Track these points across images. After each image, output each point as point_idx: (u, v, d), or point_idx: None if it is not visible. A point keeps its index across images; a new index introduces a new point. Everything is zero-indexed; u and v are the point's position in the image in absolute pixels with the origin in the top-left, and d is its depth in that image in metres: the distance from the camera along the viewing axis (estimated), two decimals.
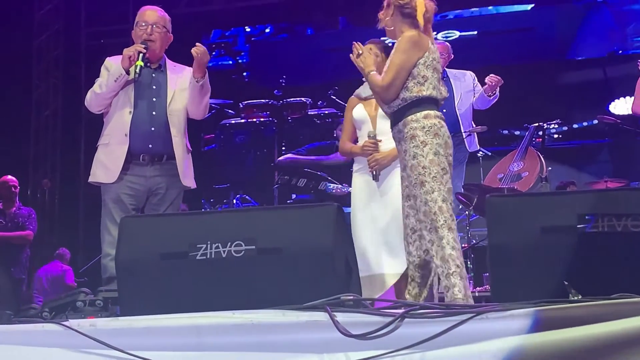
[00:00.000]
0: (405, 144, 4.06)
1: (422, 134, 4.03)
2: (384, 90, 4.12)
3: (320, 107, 9.13)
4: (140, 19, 4.82)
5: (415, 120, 4.06)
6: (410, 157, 4.03)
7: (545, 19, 10.01)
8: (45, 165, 10.04)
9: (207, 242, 3.12)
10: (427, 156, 4.00)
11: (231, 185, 9.53)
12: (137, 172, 4.65)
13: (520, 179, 7.29)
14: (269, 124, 9.37)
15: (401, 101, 4.12)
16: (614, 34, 9.81)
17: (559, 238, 2.94)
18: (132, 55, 4.57)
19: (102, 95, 4.68)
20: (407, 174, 4.11)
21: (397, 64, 4.11)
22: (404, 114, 4.11)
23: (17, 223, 7.98)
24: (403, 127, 4.09)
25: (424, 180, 3.98)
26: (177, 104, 4.75)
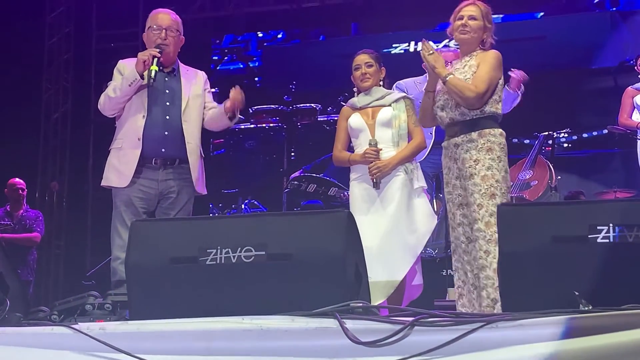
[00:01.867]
0: (479, 153, 4.17)
1: (499, 150, 4.18)
2: (479, 97, 4.21)
3: (329, 113, 9.14)
4: (154, 22, 4.82)
5: (493, 135, 4.21)
6: (485, 167, 4.14)
7: (556, 27, 9.99)
8: (54, 167, 10.06)
9: (217, 247, 3.11)
10: (501, 171, 4.16)
11: (240, 190, 9.54)
12: (149, 175, 4.67)
13: (530, 187, 7.29)
14: (278, 130, 9.38)
15: (480, 112, 4.21)
16: (626, 44, 9.80)
17: (570, 248, 2.93)
18: (146, 60, 4.58)
19: (116, 100, 4.68)
20: (472, 182, 4.15)
21: (491, 77, 4.26)
22: (480, 125, 4.24)
23: (25, 225, 8.00)
24: (479, 137, 4.19)
25: (495, 193, 4.11)
26: (192, 110, 4.77)
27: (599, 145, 9.55)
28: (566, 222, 2.96)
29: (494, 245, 4.02)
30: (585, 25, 9.92)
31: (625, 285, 2.89)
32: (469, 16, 4.40)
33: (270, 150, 9.73)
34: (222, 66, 11.31)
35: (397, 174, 4.79)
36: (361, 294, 3.14)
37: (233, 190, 9.62)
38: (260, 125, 9.33)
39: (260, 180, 9.71)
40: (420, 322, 2.67)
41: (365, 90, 4.97)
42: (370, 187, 4.81)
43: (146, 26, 4.88)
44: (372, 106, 4.94)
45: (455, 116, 4.31)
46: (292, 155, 9.24)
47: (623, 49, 9.77)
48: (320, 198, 8.01)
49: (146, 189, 4.69)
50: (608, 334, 2.50)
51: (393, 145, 4.83)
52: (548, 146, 7.91)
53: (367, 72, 4.93)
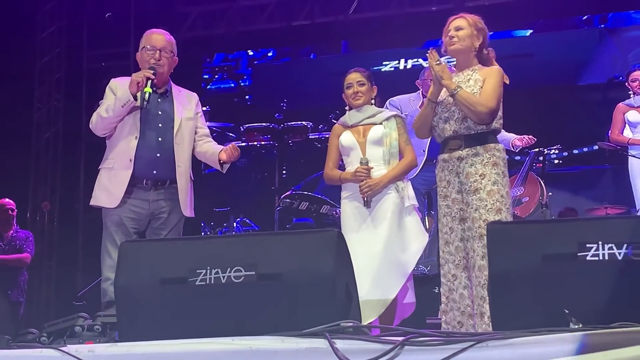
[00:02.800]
0: (485, 168, 4.17)
1: (503, 165, 4.20)
2: (491, 112, 4.24)
3: (321, 130, 9.16)
4: (148, 42, 4.81)
5: (498, 150, 4.23)
6: (490, 182, 4.14)
7: (545, 44, 10.03)
8: (45, 187, 10.03)
9: (207, 268, 3.10)
10: (505, 187, 4.19)
11: (232, 208, 9.53)
12: (140, 195, 4.66)
13: (521, 204, 7.32)
14: (270, 148, 9.38)
15: (485, 127, 4.22)
16: (615, 60, 9.85)
17: (559, 266, 2.93)
18: (140, 82, 4.56)
19: (109, 120, 4.67)
20: (477, 197, 4.14)
21: (499, 93, 4.30)
22: (486, 139, 4.25)
23: (15, 246, 7.98)
24: (484, 151, 4.20)
25: (501, 208, 4.12)
26: (184, 133, 4.77)
27: (590, 161, 9.57)
28: (555, 240, 2.96)
29: None
30: (573, 42, 9.97)
31: (615, 303, 2.89)
32: (455, 27, 4.43)
33: (262, 168, 9.73)
34: (212, 85, 11.33)
35: (388, 192, 4.79)
36: (352, 313, 3.14)
37: (225, 208, 9.61)
38: (251, 144, 9.33)
39: (252, 198, 9.71)
40: (410, 341, 2.67)
41: (357, 108, 4.97)
42: (362, 205, 4.81)
43: (140, 46, 4.87)
44: (363, 124, 4.95)
45: (460, 129, 4.30)
46: (284, 173, 9.24)
47: (612, 65, 9.82)
48: (312, 216, 8.02)
49: (137, 209, 4.68)
50: (599, 352, 2.50)
51: (384, 164, 4.83)
52: (539, 162, 7.94)
53: (359, 90, 4.94)
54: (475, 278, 4.11)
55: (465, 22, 4.43)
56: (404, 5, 9.74)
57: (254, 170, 9.84)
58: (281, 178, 9.18)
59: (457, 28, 4.42)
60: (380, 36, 10.26)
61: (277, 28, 10.26)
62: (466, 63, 4.42)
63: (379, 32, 10.07)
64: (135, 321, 3.16)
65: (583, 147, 9.53)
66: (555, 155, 8.88)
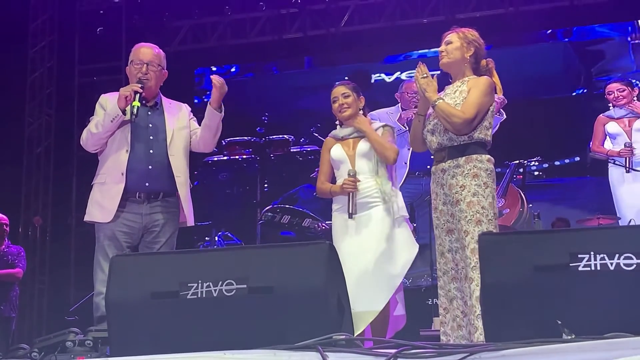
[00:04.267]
0: (466, 179, 4.17)
1: (485, 176, 4.17)
2: (467, 123, 4.22)
3: (302, 144, 9.16)
4: (135, 57, 4.81)
5: (479, 161, 4.20)
6: (470, 193, 4.13)
7: (509, 59, 9.98)
8: (36, 202, 10.00)
9: (199, 281, 3.09)
10: (487, 198, 4.15)
11: (213, 222, 9.49)
12: (133, 209, 4.65)
13: (502, 215, 7.38)
14: (251, 161, 9.38)
15: (467, 138, 4.22)
16: (579, 74, 9.89)
17: (551, 277, 2.93)
18: (128, 96, 4.57)
19: (99, 135, 4.67)
20: (458, 208, 4.15)
21: (480, 102, 4.25)
22: (468, 150, 4.25)
23: (7, 261, 7.94)
24: (465, 162, 4.19)
25: (481, 219, 4.09)
26: (177, 143, 4.77)
27: (572, 172, 9.55)
28: (547, 251, 2.96)
29: (478, 273, 4.00)
30: (537, 56, 9.93)
31: (608, 314, 2.88)
32: (445, 42, 4.45)
33: (244, 182, 9.72)
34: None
35: (377, 204, 4.79)
36: (344, 326, 3.13)
37: (206, 222, 9.57)
38: (233, 157, 9.33)
39: (233, 212, 9.68)
40: (402, 353, 2.66)
41: (346, 121, 4.98)
42: None
43: (129, 60, 4.88)
44: (353, 137, 4.95)
45: (444, 141, 4.31)
46: (266, 187, 9.26)
47: (575, 79, 9.85)
48: (295, 229, 8.03)
49: (130, 223, 4.66)
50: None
51: (373, 175, 4.84)
52: (519, 174, 7.98)
53: (345, 102, 4.95)
54: (466, 289, 4.12)
55: (455, 36, 4.44)
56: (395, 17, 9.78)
57: (235, 183, 9.83)
58: (263, 191, 9.20)
59: (447, 42, 4.45)
60: (343, 52, 10.36)
61: (240, 44, 10.30)
62: (458, 76, 4.44)
63: (340, 48, 10.17)
64: (126, 336, 3.15)
65: (565, 159, 9.53)
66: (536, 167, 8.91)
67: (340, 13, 9.91)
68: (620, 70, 9.66)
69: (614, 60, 9.86)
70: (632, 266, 2.88)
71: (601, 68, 9.87)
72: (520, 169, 7.91)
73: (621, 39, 9.91)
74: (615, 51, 9.88)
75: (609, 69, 9.80)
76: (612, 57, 9.87)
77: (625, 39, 9.88)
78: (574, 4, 9.39)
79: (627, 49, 9.84)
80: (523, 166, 7.90)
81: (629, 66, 9.80)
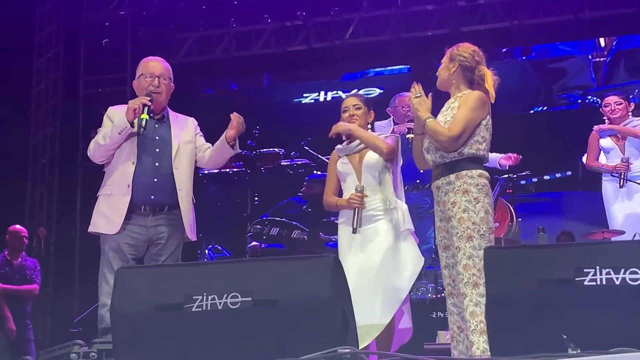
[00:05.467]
0: (456, 196, 4.17)
1: (476, 191, 4.17)
2: (452, 141, 4.22)
3: (293, 157, 9.17)
4: (145, 70, 4.83)
5: (470, 176, 4.20)
6: (460, 209, 4.14)
7: None
8: (41, 214, 10.01)
9: (203, 294, 3.09)
10: (478, 213, 4.14)
11: (204, 235, 9.47)
12: (138, 221, 4.65)
13: None
14: (242, 174, 9.38)
15: (457, 155, 4.22)
16: (538, 92, 9.90)
17: (557, 291, 2.92)
18: (137, 108, 4.58)
19: (106, 147, 4.68)
20: (451, 225, 4.16)
21: (467, 119, 4.24)
22: (458, 167, 4.25)
23: (25, 276, 7.94)
24: (456, 179, 4.20)
25: (472, 235, 4.09)
26: (182, 157, 4.77)
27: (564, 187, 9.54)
28: (553, 265, 2.96)
29: (470, 288, 4.02)
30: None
31: (613, 328, 2.88)
32: (443, 60, 4.47)
33: (234, 195, 9.72)
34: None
35: (382, 217, 4.79)
36: (349, 339, 3.12)
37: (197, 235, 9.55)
38: (223, 170, 9.33)
39: (223, 225, 9.66)
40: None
41: None
42: None
43: (137, 74, 4.88)
44: (358, 150, 4.95)
45: (436, 159, 4.33)
46: (256, 200, 9.25)
47: (535, 97, 9.85)
48: (283, 241, 8.03)
49: (135, 235, 4.66)
50: None
51: (379, 187, 4.84)
52: (509, 189, 8.02)
53: (355, 114, 4.96)
54: (461, 304, 4.12)
55: (445, 56, 4.47)
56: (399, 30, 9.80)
57: (225, 196, 9.83)
58: (253, 205, 9.19)
59: (439, 64, 4.48)
60: (301, 69, 10.42)
61: (199, 61, 10.33)
62: (454, 92, 4.44)
63: (298, 65, 10.22)
64: (131, 348, 3.15)
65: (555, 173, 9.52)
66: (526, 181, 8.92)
67: (345, 25, 9.93)
68: (581, 88, 9.72)
69: (575, 78, 9.90)
70: (638, 281, 2.88)
71: (562, 85, 9.91)
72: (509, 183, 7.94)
73: (582, 56, 9.95)
74: (576, 69, 9.92)
75: (570, 87, 9.86)
76: (573, 75, 9.92)
77: (587, 56, 9.92)
78: (532, 23, 9.43)
79: (589, 66, 9.88)
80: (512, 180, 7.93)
81: (590, 84, 9.84)
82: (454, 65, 4.39)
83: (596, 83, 9.80)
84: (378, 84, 10.15)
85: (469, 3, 9.55)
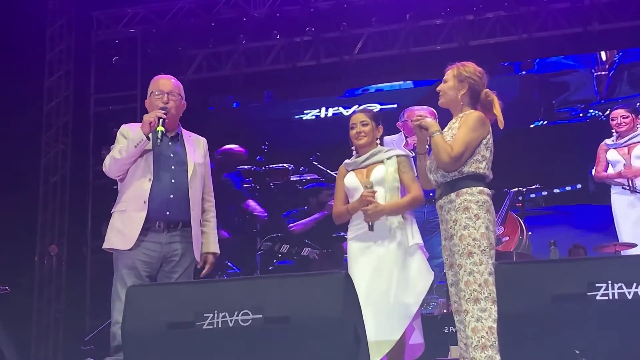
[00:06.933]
0: (457, 214, 4.20)
1: (476, 208, 4.18)
2: (453, 161, 4.25)
3: (302, 172, 9.18)
4: (155, 88, 4.86)
5: (470, 194, 4.22)
6: (461, 227, 4.16)
7: None
8: (52, 231, 10.04)
9: (214, 311, 3.09)
10: (479, 229, 4.15)
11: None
12: (152, 238, 4.66)
13: (501, 243, 7.43)
14: (251, 190, 9.39)
15: (458, 173, 4.26)
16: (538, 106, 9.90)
17: (569, 306, 2.91)
18: (152, 121, 4.61)
19: (122, 161, 4.69)
20: (452, 242, 4.18)
21: (467, 140, 4.28)
22: (458, 185, 4.26)
23: None
24: (456, 197, 4.24)
25: (472, 251, 4.12)
26: (196, 177, 4.80)
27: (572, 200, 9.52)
28: (565, 280, 2.95)
29: (472, 304, 4.03)
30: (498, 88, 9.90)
31: (625, 343, 2.86)
32: (443, 80, 4.48)
33: (244, 211, 9.72)
34: None
35: (390, 232, 4.78)
36: (360, 356, 3.11)
37: None
38: (233, 188, 9.36)
39: (233, 241, 9.67)
40: None
41: (362, 148, 4.99)
42: (366, 245, 4.80)
43: (148, 92, 4.92)
44: (367, 164, 4.95)
45: (438, 178, 4.37)
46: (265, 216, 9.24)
47: (535, 111, 9.84)
48: (294, 259, 8.01)
49: (150, 252, 4.66)
50: None
51: (387, 200, 4.84)
52: (518, 202, 8.01)
53: (362, 130, 4.96)
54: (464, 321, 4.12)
55: (451, 73, 4.47)
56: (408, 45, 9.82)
57: (235, 212, 9.85)
58: (262, 220, 9.19)
59: (444, 80, 4.48)
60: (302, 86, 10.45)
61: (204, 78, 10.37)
62: (456, 112, 4.46)
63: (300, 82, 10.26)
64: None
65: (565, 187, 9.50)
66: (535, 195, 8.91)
67: (353, 41, 9.95)
68: (583, 102, 9.72)
69: (577, 92, 9.90)
70: None
71: (565, 99, 9.91)
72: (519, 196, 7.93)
73: (585, 70, 9.97)
74: (579, 82, 9.94)
75: (572, 100, 9.85)
76: (576, 89, 9.92)
77: (590, 70, 9.92)
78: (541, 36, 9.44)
79: (591, 79, 9.87)
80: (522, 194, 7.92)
81: (592, 97, 9.84)
82: (464, 87, 4.41)
83: (599, 96, 9.79)
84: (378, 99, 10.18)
85: (478, 17, 9.56)
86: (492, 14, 9.57)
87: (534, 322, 2.93)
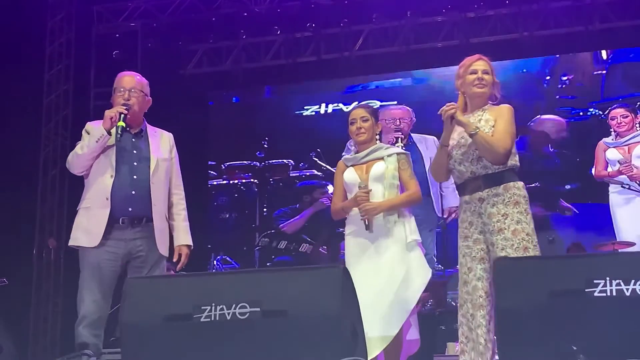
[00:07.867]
0: (507, 208, 4.17)
1: (524, 203, 4.21)
2: (507, 153, 4.25)
3: (302, 168, 9.17)
4: (118, 85, 4.90)
5: (517, 188, 4.23)
6: (514, 221, 4.14)
7: None
8: (51, 224, 10.03)
9: (212, 304, 3.09)
10: (530, 224, 4.18)
11: (212, 246, 9.48)
12: (116, 235, 4.67)
13: None
14: (251, 186, 9.39)
15: (502, 166, 4.22)
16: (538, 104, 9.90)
17: (567, 302, 2.91)
18: (113, 117, 4.64)
19: (84, 157, 4.72)
20: (502, 237, 4.13)
21: (512, 132, 4.28)
22: (504, 178, 4.24)
23: None
24: (504, 191, 4.20)
25: (527, 246, 4.10)
26: (160, 173, 4.81)
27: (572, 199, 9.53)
28: (563, 276, 2.95)
29: None
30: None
31: (623, 340, 2.86)
32: (483, 70, 4.40)
33: (243, 206, 9.73)
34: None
35: (391, 227, 4.77)
36: (357, 350, 3.11)
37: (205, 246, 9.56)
38: (232, 182, 9.35)
39: (232, 236, 9.67)
40: None
41: (361, 144, 4.99)
42: (364, 241, 4.79)
43: (113, 89, 4.94)
44: (366, 161, 4.95)
45: (477, 170, 4.29)
46: (264, 211, 9.24)
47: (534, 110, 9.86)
48: (291, 255, 8.01)
49: (114, 249, 4.68)
50: None
51: (385, 196, 4.83)
52: None
53: (362, 126, 4.95)
54: None
55: (488, 66, 4.43)
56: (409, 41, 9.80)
57: (234, 207, 9.85)
58: (262, 216, 9.19)
59: (484, 72, 4.41)
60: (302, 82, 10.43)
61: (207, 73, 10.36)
62: (480, 105, 4.42)
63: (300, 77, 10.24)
64: (140, 358, 3.15)
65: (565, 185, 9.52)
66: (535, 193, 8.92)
67: (354, 37, 9.94)
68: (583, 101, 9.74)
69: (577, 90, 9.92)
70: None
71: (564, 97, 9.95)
72: None
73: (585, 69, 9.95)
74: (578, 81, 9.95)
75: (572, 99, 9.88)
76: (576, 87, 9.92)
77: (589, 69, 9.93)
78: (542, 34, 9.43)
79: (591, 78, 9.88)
80: None
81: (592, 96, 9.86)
82: (498, 86, 4.43)
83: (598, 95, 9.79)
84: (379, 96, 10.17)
85: (479, 14, 9.55)
86: (493, 12, 9.55)
87: (533, 317, 2.93)
